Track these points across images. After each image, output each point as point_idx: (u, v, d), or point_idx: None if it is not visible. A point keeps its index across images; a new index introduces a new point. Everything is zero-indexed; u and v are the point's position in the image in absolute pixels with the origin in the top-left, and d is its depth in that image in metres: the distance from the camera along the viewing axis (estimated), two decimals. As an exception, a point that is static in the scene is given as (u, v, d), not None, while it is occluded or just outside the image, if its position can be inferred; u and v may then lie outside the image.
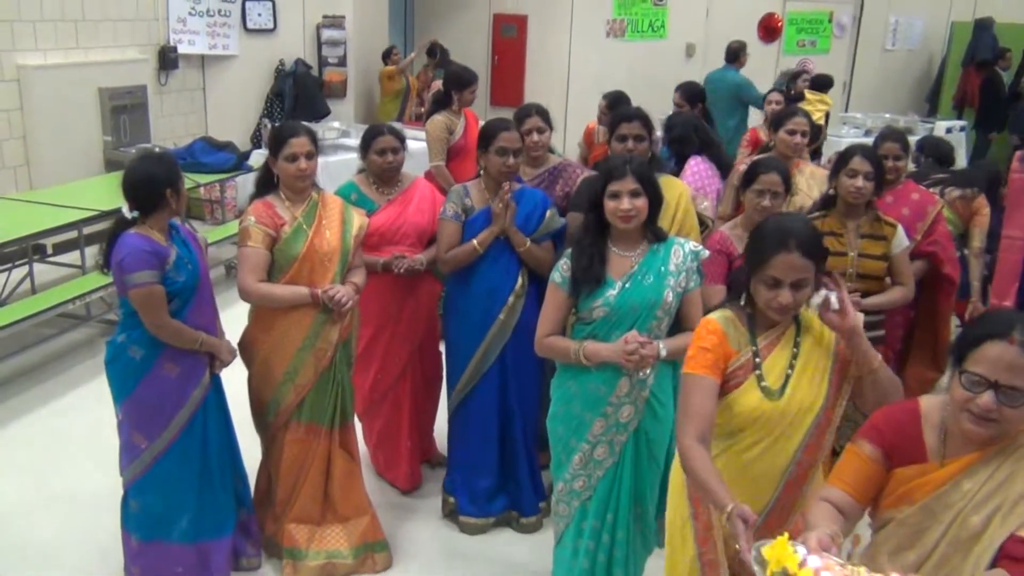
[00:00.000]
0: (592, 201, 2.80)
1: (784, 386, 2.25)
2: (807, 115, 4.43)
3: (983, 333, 1.80)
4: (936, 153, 5.50)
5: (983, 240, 4.66)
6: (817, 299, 2.20)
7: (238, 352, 3.31)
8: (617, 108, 5.35)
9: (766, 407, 2.23)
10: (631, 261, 2.79)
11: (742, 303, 2.34)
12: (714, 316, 2.34)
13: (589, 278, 2.75)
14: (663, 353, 2.74)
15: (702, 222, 3.97)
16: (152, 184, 2.97)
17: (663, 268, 2.78)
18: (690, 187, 4.07)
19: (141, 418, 3.10)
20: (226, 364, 3.23)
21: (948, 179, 4.87)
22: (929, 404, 1.98)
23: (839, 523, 1.92)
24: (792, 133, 4.27)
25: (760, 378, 2.25)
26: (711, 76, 8.39)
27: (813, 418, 2.24)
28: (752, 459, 2.27)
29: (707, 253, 2.93)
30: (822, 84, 8.33)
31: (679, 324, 2.86)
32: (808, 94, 7.92)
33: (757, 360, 2.26)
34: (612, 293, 2.75)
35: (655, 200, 2.77)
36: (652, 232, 2.83)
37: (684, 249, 2.83)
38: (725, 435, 2.30)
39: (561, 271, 2.81)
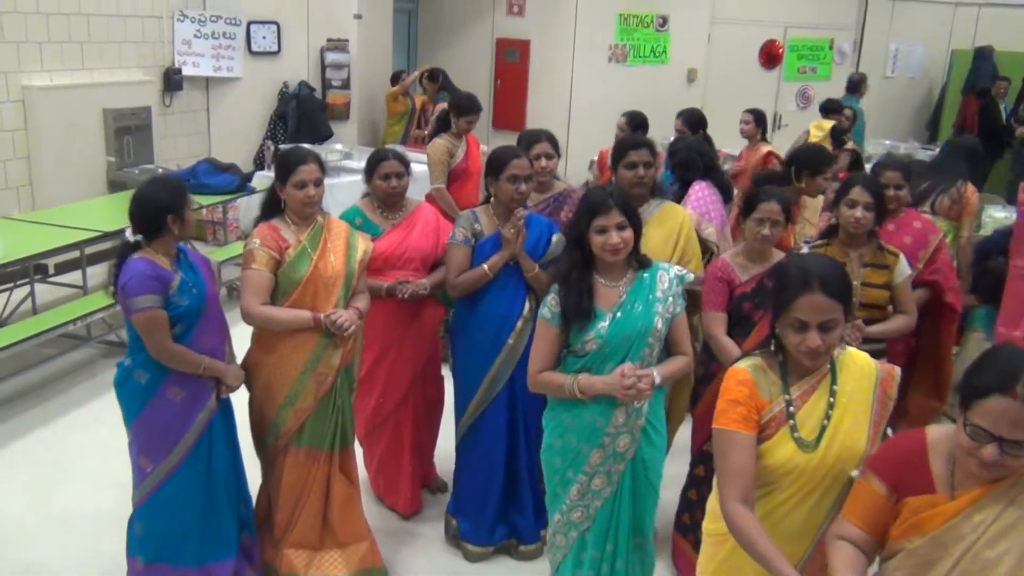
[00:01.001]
0: (577, 237, 2.80)
1: (820, 437, 2.17)
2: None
3: (988, 384, 1.79)
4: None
5: (971, 228, 4.66)
6: None
7: (242, 378, 3.30)
8: (637, 128, 5.44)
9: (800, 460, 2.16)
10: (619, 291, 2.80)
11: (772, 349, 2.27)
12: (743, 365, 2.27)
13: (580, 314, 2.74)
14: (658, 380, 2.74)
15: (706, 248, 3.98)
16: (154, 209, 2.99)
17: (651, 295, 2.79)
18: (694, 212, 4.08)
19: (147, 441, 3.10)
20: (232, 389, 3.23)
21: (932, 184, 4.84)
22: (936, 434, 1.98)
23: (861, 568, 1.91)
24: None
25: (794, 428, 2.17)
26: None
27: (854, 470, 2.16)
28: (784, 514, 2.20)
29: (691, 277, 2.94)
30: (826, 109, 8.29)
31: (667, 348, 2.87)
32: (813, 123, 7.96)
33: (791, 410, 2.19)
34: (604, 325, 2.75)
35: (636, 229, 2.78)
36: (636, 260, 2.84)
37: (669, 274, 2.85)
38: (756, 486, 2.21)
39: (550, 307, 2.80)
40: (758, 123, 6.65)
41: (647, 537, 2.98)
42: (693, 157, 4.55)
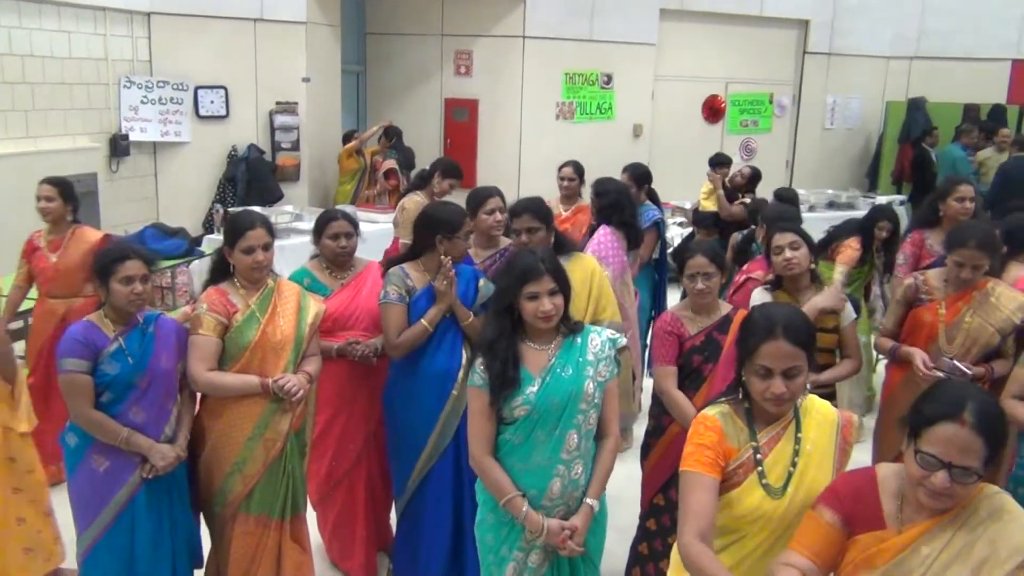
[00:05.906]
0: (506, 304, 2.70)
1: (787, 484, 2.21)
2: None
3: (936, 413, 1.85)
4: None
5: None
6: None
7: (175, 460, 3.10)
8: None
9: (768, 506, 2.19)
10: (548, 354, 2.70)
11: (740, 396, 2.30)
12: (711, 412, 2.29)
13: (505, 383, 2.63)
14: (596, 507, 2.69)
15: None
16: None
17: (581, 358, 2.69)
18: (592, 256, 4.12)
19: (76, 504, 3.08)
20: (158, 470, 3.04)
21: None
22: (886, 471, 2.03)
23: None
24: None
25: (762, 475, 2.21)
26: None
27: None
28: (753, 563, 2.21)
29: (624, 341, 2.86)
30: (713, 163, 7.69)
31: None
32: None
33: (758, 457, 2.22)
34: (532, 390, 2.64)
35: (566, 294, 2.71)
36: (566, 325, 2.74)
37: (601, 337, 2.76)
38: (724, 534, 2.24)
39: (480, 372, 2.68)
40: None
41: None
42: (622, 200, 4.62)
